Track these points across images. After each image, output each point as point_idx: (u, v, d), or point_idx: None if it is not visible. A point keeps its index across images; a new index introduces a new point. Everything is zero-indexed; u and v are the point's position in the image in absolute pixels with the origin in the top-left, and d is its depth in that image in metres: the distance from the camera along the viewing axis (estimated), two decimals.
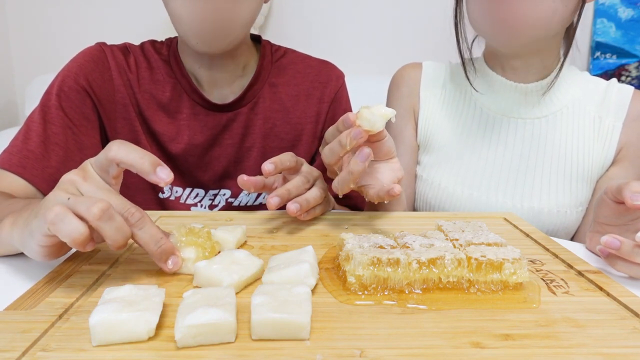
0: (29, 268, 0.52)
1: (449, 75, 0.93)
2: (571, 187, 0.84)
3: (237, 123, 0.83)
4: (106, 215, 0.41)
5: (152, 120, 0.80)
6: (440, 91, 0.92)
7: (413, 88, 0.93)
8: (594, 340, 0.38)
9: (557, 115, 0.85)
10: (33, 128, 0.72)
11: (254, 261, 0.48)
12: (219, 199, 0.84)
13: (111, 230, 0.42)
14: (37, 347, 0.35)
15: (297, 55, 0.89)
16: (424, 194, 0.90)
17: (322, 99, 0.87)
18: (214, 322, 0.35)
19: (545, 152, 0.85)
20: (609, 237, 0.52)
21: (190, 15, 0.70)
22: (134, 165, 0.45)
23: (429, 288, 0.46)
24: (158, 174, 0.45)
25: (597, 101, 0.86)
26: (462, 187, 0.86)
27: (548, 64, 0.84)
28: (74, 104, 0.75)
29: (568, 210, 0.84)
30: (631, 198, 0.52)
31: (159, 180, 0.45)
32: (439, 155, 0.90)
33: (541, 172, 0.85)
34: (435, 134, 0.91)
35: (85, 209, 0.41)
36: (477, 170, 0.86)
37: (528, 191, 0.84)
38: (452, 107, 0.91)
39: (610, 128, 0.84)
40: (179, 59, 0.82)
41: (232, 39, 0.75)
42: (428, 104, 0.92)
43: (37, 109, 0.74)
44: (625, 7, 1.57)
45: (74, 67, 0.77)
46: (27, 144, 0.71)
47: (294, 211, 0.61)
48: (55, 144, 0.72)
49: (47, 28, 1.64)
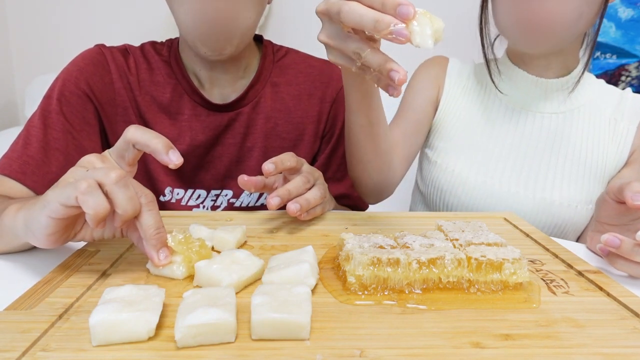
0: (29, 268, 0.52)
1: (473, 71, 0.95)
2: (584, 183, 0.85)
3: (238, 123, 0.83)
4: (122, 182, 0.43)
5: (153, 122, 0.80)
6: (465, 82, 0.95)
7: (440, 73, 0.95)
8: (594, 340, 0.38)
9: (574, 113, 0.87)
10: (33, 133, 0.72)
11: (254, 261, 0.48)
12: (221, 199, 0.84)
13: (124, 198, 0.43)
14: (37, 347, 0.35)
15: (298, 55, 0.90)
16: (436, 179, 0.91)
17: (324, 99, 0.87)
18: (214, 322, 0.35)
19: (560, 146, 0.86)
20: (609, 236, 0.52)
21: (196, 22, 0.70)
22: (148, 144, 0.48)
23: (429, 288, 0.46)
24: (170, 155, 0.48)
25: (612, 105, 0.88)
26: (477, 174, 0.87)
27: (568, 64, 0.86)
28: (75, 108, 0.75)
29: (579, 206, 0.84)
30: (632, 198, 0.52)
31: (169, 161, 0.48)
32: (455, 142, 0.91)
33: (555, 165, 0.86)
34: (453, 120, 0.92)
35: (104, 174, 0.43)
36: (492, 158, 0.88)
37: (541, 182, 0.85)
38: (474, 96, 0.93)
39: (624, 131, 0.86)
40: (180, 60, 0.82)
41: (238, 44, 0.75)
42: (451, 90, 0.94)
43: (37, 113, 0.74)
44: (625, 7, 1.57)
45: (75, 71, 0.76)
46: (27, 149, 0.70)
47: (294, 211, 0.61)
48: (55, 150, 0.72)
49: (47, 28, 1.64)
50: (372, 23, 0.44)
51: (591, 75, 0.90)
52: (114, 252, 0.53)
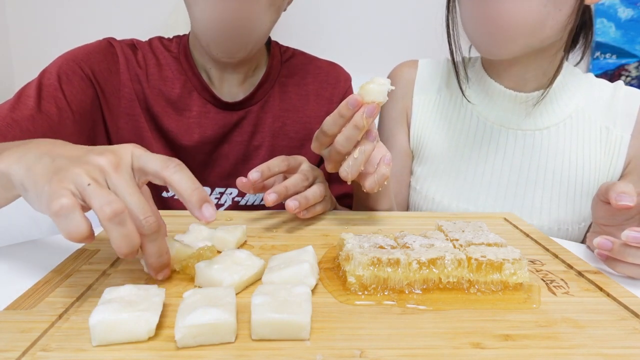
0: (29, 267, 0.51)
1: (446, 75, 0.89)
2: (574, 204, 0.80)
3: (247, 121, 0.83)
4: (117, 219, 0.39)
5: (161, 115, 0.80)
6: (435, 96, 0.88)
7: (407, 91, 0.89)
8: (594, 341, 0.38)
9: (559, 127, 0.81)
10: (24, 101, 0.68)
11: (255, 261, 0.48)
12: (225, 197, 0.84)
13: (118, 236, 0.39)
14: (37, 347, 0.35)
15: (305, 57, 0.91)
16: (417, 206, 0.88)
17: (331, 99, 0.87)
18: (214, 322, 0.35)
19: (546, 166, 0.80)
20: (601, 239, 0.52)
21: (210, 22, 0.70)
22: (183, 195, 0.42)
23: (429, 288, 0.46)
24: (203, 210, 0.42)
25: (603, 109, 0.82)
26: (458, 201, 0.83)
27: (549, 71, 0.79)
28: (75, 89, 0.72)
29: (570, 228, 0.80)
30: (616, 199, 0.52)
31: (201, 217, 0.42)
32: (432, 167, 0.86)
33: (542, 187, 0.80)
34: (428, 142, 0.87)
35: (99, 205, 0.39)
36: (473, 184, 0.83)
37: (527, 208, 0.81)
38: (447, 114, 0.86)
39: (618, 140, 0.80)
40: (190, 57, 0.82)
41: (252, 47, 0.75)
42: (421, 109, 0.88)
43: (34, 84, 0.70)
44: (625, 7, 1.57)
45: (81, 53, 0.75)
46: (14, 113, 0.66)
47: (293, 208, 0.61)
48: (44, 122, 0.67)
49: (47, 28, 1.64)
50: (346, 141, 0.57)
51: (577, 74, 0.83)
52: (114, 252, 0.52)
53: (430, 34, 0.85)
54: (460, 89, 0.84)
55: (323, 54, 0.93)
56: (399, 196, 0.90)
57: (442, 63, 0.91)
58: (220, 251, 0.54)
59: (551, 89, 0.79)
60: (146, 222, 0.41)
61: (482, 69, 0.85)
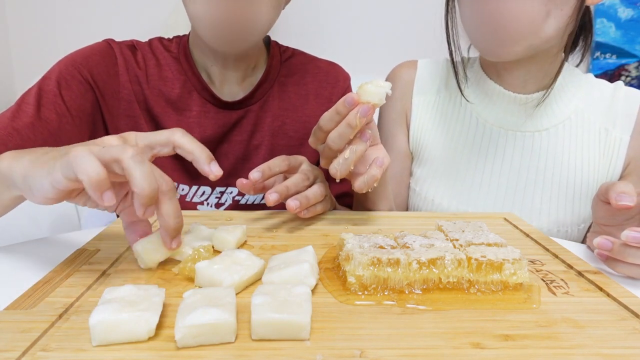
0: (29, 268, 0.51)
1: (445, 76, 0.89)
2: (573, 205, 0.80)
3: (246, 120, 0.83)
4: (139, 157, 0.41)
5: (161, 116, 0.80)
6: (434, 97, 0.88)
7: (406, 92, 0.89)
8: (594, 341, 0.38)
9: (559, 128, 0.81)
10: (24, 109, 0.69)
11: (255, 261, 0.48)
12: (226, 197, 0.84)
13: (141, 175, 0.41)
14: (37, 347, 0.35)
15: (305, 56, 0.91)
16: (417, 207, 0.88)
17: (330, 99, 0.87)
18: (214, 322, 0.35)
19: (546, 167, 0.80)
20: (601, 239, 0.52)
21: (210, 18, 0.69)
22: (193, 152, 0.50)
23: (429, 288, 0.46)
24: (211, 166, 0.50)
25: (602, 110, 0.81)
26: (457, 203, 0.83)
27: (549, 72, 0.79)
28: (75, 94, 0.73)
29: (569, 229, 0.80)
30: (616, 199, 0.52)
31: (209, 172, 0.50)
32: (432, 168, 0.86)
33: (541, 189, 0.80)
34: (427, 144, 0.87)
35: (120, 149, 0.41)
36: (473, 186, 0.83)
37: (527, 210, 0.80)
38: (446, 115, 0.86)
39: (617, 141, 0.80)
40: (190, 57, 0.82)
41: (251, 41, 0.75)
42: (420, 110, 0.88)
43: (33, 91, 0.71)
44: (625, 7, 1.57)
45: (79, 58, 0.75)
46: (14, 122, 0.67)
47: (294, 208, 0.61)
48: (45, 130, 0.69)
49: (47, 28, 1.64)
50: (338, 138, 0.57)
51: (577, 75, 0.83)
52: (113, 252, 0.53)
53: (429, 34, 0.85)
54: (460, 89, 0.83)
55: (323, 54, 0.94)
56: (399, 197, 0.90)
57: (442, 63, 0.91)
58: (218, 250, 0.54)
59: (552, 91, 0.79)
60: (163, 179, 0.45)
61: (480, 69, 0.84)
